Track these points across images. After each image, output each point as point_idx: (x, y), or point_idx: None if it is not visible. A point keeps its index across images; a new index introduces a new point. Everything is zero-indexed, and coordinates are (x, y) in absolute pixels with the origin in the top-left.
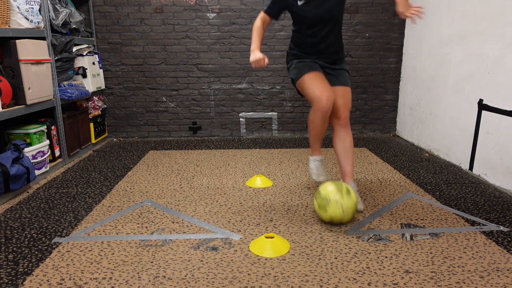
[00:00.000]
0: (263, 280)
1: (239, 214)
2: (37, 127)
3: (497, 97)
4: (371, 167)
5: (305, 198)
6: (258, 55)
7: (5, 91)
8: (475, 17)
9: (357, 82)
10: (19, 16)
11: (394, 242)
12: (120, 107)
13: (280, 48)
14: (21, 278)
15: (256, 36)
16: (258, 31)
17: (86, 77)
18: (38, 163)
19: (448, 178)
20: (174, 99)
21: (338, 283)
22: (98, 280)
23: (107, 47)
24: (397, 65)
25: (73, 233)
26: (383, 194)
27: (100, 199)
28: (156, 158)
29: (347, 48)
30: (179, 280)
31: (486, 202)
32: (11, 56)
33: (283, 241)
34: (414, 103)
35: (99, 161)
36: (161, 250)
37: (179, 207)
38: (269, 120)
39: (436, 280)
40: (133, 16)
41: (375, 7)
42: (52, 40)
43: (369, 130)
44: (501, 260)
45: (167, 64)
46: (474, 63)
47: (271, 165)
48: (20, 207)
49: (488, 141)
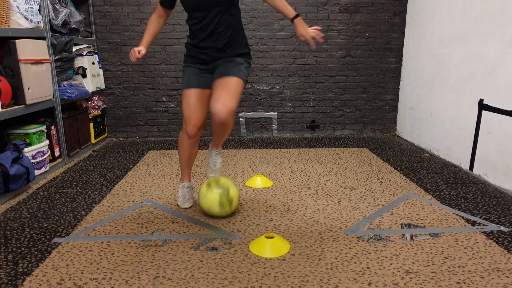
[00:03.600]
0: (263, 280)
1: (239, 214)
2: (36, 127)
3: (497, 97)
4: (371, 167)
5: (305, 198)
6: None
7: (5, 91)
8: (475, 17)
9: (357, 82)
10: (18, 16)
11: (394, 242)
12: (120, 107)
13: (280, 48)
14: (21, 278)
15: (147, 29)
16: (150, 24)
17: (86, 77)
18: (37, 163)
19: (448, 178)
20: (174, 99)
21: (338, 283)
22: (98, 280)
23: (107, 47)
24: (397, 65)
25: (73, 233)
26: (383, 194)
27: (100, 199)
28: (156, 158)
29: (347, 48)
30: (179, 280)
31: (486, 202)
32: (10, 56)
33: (283, 241)
34: (414, 103)
35: (99, 161)
36: (161, 250)
37: (179, 207)
38: (269, 120)
39: (437, 280)
40: (133, 16)
41: (375, 7)
42: (52, 40)
43: (369, 130)
44: (501, 260)
45: (167, 64)
46: (474, 63)
47: (271, 165)
48: (19, 207)
49: (488, 141)
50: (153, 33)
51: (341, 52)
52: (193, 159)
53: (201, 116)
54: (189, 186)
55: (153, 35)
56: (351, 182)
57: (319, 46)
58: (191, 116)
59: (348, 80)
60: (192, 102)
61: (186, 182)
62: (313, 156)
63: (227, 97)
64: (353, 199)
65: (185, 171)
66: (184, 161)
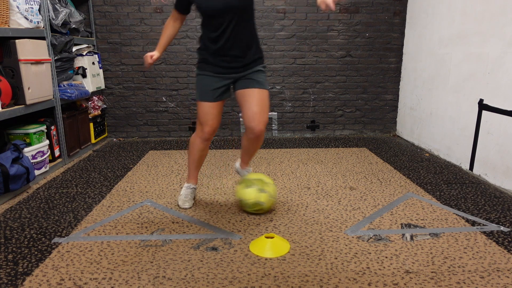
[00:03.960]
0: (263, 280)
1: (239, 214)
2: (36, 127)
3: (497, 97)
4: (371, 167)
5: (305, 198)
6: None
7: (5, 91)
8: (475, 17)
9: (357, 82)
10: (18, 16)
11: (394, 242)
12: (120, 107)
13: (280, 48)
14: (21, 278)
15: (162, 35)
16: (165, 29)
17: (86, 77)
18: (37, 163)
19: (448, 178)
20: (174, 99)
21: (338, 283)
22: (98, 280)
23: (107, 47)
24: (397, 65)
25: (73, 233)
26: (383, 194)
27: (100, 199)
28: (156, 158)
29: (347, 48)
30: (179, 280)
31: (486, 202)
32: (10, 56)
33: (283, 241)
34: (414, 103)
35: (99, 161)
36: (161, 250)
37: (179, 207)
38: (269, 120)
39: (437, 280)
40: (133, 16)
41: (375, 7)
42: (52, 40)
43: (369, 130)
44: (501, 260)
45: (167, 64)
46: (474, 63)
47: (271, 165)
48: (19, 207)
49: (488, 141)
50: (169, 37)
51: (341, 52)
52: (203, 161)
53: (218, 121)
54: (194, 188)
55: (169, 39)
56: (351, 182)
57: (319, 46)
58: (207, 121)
59: (348, 80)
60: (210, 112)
61: (192, 184)
62: (313, 156)
63: (261, 113)
64: (353, 199)
65: (194, 173)
66: (194, 163)
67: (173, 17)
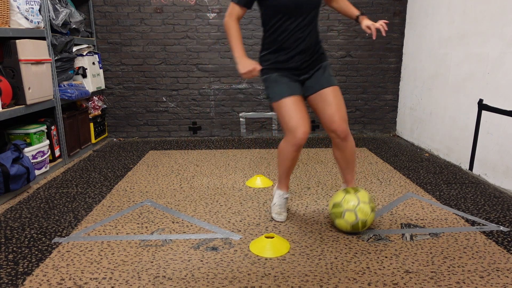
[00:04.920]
0: (263, 280)
1: (239, 214)
2: (37, 127)
3: (497, 97)
4: (371, 167)
5: (305, 198)
6: (249, 64)
7: (5, 91)
8: (475, 17)
9: (357, 82)
10: (19, 16)
11: (394, 242)
12: (120, 107)
13: None
14: (21, 278)
15: (235, 38)
16: (235, 32)
17: (86, 77)
18: (38, 163)
19: (448, 178)
20: (174, 99)
21: (338, 283)
22: (98, 280)
23: (107, 47)
24: (397, 65)
25: (73, 233)
26: (383, 194)
27: (100, 199)
28: (156, 158)
29: (347, 48)
30: (179, 280)
31: (486, 202)
32: (11, 56)
33: (283, 241)
34: (414, 103)
35: (99, 161)
36: (161, 250)
37: (179, 207)
38: (269, 120)
39: (436, 280)
40: (133, 16)
41: (375, 7)
42: (52, 40)
43: (369, 130)
44: (501, 260)
45: (167, 64)
46: (474, 63)
47: (271, 165)
48: (20, 207)
49: (488, 141)
50: (241, 38)
51: (341, 52)
52: (294, 167)
53: (308, 121)
54: (287, 197)
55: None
56: None
57: None
58: (299, 123)
59: (348, 80)
60: (298, 109)
61: (285, 192)
62: (313, 156)
63: (339, 110)
64: None
65: (285, 181)
66: (286, 171)
67: (233, 15)
